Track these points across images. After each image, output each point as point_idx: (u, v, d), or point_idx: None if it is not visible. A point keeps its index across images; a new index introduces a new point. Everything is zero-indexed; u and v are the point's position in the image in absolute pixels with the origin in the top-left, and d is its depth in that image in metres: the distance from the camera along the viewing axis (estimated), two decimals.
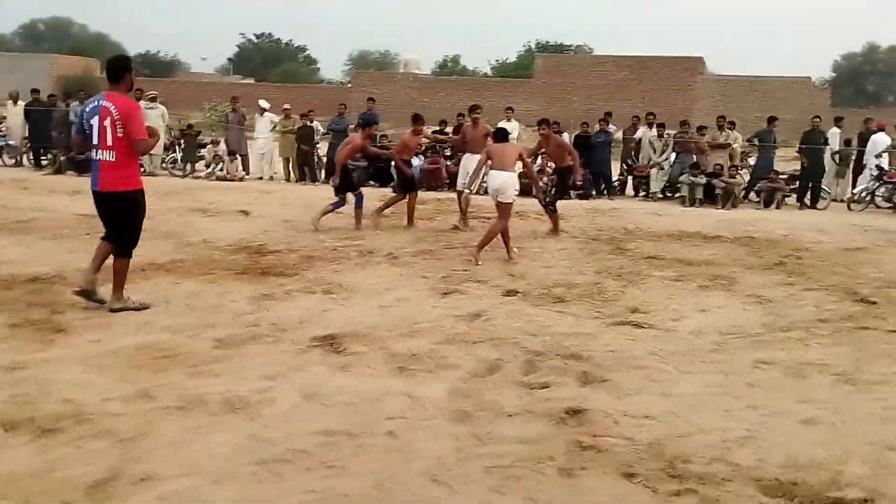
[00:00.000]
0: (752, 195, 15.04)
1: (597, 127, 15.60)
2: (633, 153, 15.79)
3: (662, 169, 15.21)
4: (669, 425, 3.81)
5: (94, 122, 5.40)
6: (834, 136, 16.02)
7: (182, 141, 16.21)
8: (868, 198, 14.52)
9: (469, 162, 10.23)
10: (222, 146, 16.09)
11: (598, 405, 4.04)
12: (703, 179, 14.60)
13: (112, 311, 5.51)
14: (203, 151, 16.30)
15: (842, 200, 15.05)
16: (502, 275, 7.37)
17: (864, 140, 15.53)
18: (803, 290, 7.22)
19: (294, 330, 5.29)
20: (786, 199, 15.09)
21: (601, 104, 38.17)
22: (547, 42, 55.22)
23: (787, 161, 18.01)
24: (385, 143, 15.35)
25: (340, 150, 9.96)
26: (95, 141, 5.43)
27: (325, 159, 15.89)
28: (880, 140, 15.19)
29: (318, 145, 16.17)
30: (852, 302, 6.79)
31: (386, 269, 7.50)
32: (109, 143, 5.39)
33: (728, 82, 39.66)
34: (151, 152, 11.28)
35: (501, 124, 15.77)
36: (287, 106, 16.40)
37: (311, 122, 16.25)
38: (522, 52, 55.30)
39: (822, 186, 14.79)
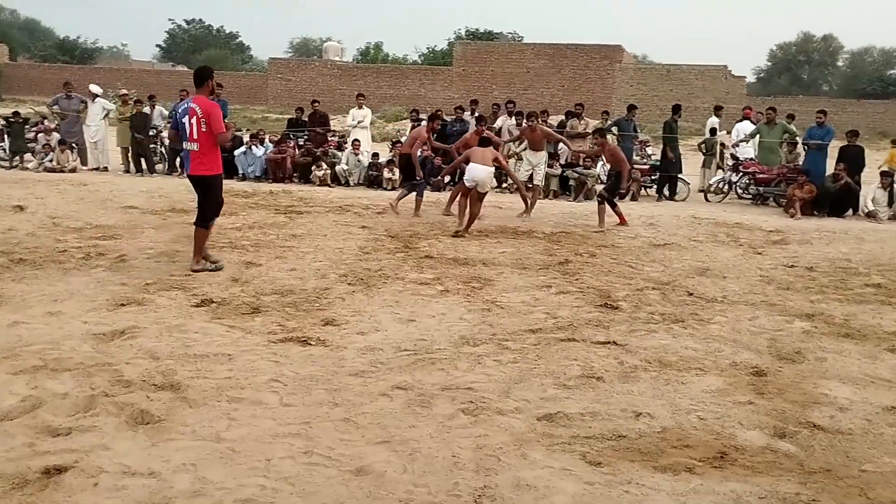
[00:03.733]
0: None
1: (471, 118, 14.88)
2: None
3: (521, 160, 14.51)
4: (155, 489, 3.04)
5: (185, 120, 6.70)
6: (713, 125, 15.59)
7: (9, 129, 15.01)
8: (725, 188, 14.06)
9: (532, 157, 11.81)
10: (56, 135, 14.95)
11: (98, 460, 3.25)
12: (558, 170, 14.00)
13: (193, 271, 6.71)
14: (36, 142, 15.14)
15: (701, 190, 14.59)
16: (224, 281, 6.56)
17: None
18: (556, 294, 6.57)
19: None
20: (644, 189, 14.62)
21: (521, 92, 37.82)
22: (476, 30, 54.36)
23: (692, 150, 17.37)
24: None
25: (407, 142, 11.49)
26: (187, 135, 6.71)
27: (165, 149, 14.90)
28: (741, 128, 14.77)
29: (161, 133, 15.12)
30: (594, 307, 6.15)
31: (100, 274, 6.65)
32: (195, 136, 6.70)
33: (646, 70, 39.48)
34: None
35: (353, 111, 15.07)
36: (124, 91, 15.35)
37: (155, 107, 15.24)
38: (453, 39, 54.39)
39: (680, 177, 14.28)
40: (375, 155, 14.68)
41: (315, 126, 15.62)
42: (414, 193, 11.02)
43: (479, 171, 9.53)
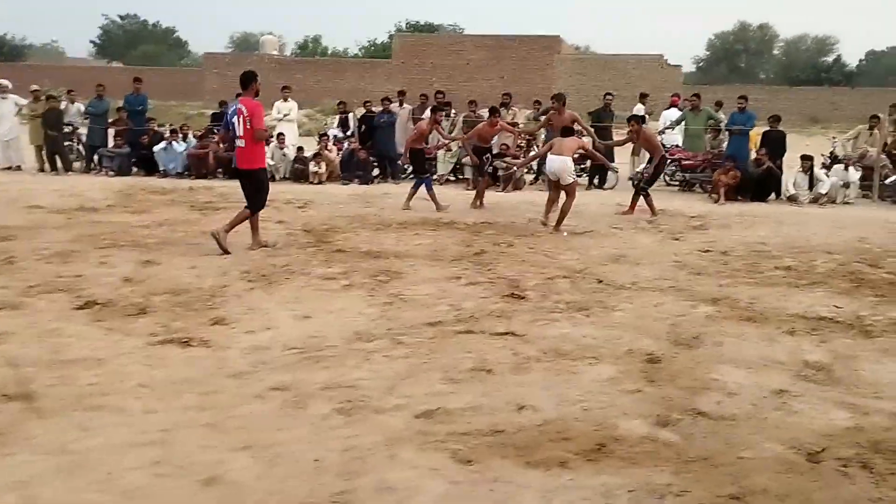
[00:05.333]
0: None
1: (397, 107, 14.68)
2: None
3: (450, 150, 14.39)
4: None
5: (235, 119, 7.55)
6: (638, 112, 15.61)
7: None
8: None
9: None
10: None
11: None
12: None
13: (250, 249, 7.57)
14: None
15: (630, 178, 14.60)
16: (116, 281, 6.24)
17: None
18: (464, 286, 6.43)
19: None
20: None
21: (462, 84, 37.64)
22: (417, 22, 54.07)
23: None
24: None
25: (411, 137, 11.44)
26: (237, 133, 7.54)
27: (83, 146, 14.35)
28: (668, 115, 14.86)
29: (77, 130, 14.55)
30: (500, 298, 6.02)
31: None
32: (241, 133, 7.51)
33: (585, 61, 39.72)
34: None
35: (278, 104, 14.74)
36: (35, 87, 14.70)
37: (73, 103, 14.66)
38: (394, 32, 53.99)
39: (612, 165, 14.26)
40: (300, 149, 14.36)
41: None
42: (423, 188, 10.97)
43: (553, 162, 9.52)
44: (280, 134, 14.27)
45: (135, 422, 3.58)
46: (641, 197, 10.67)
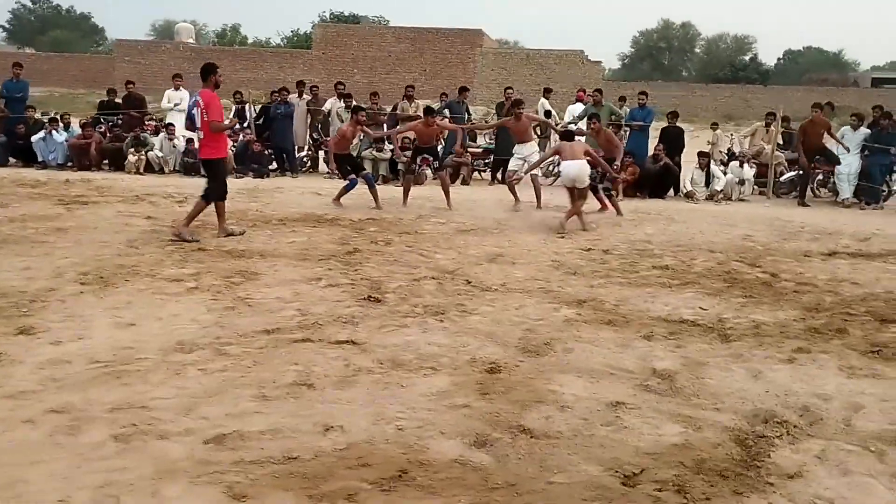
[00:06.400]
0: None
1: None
2: (319, 126, 14.38)
3: (381, 150, 13.92)
4: None
5: (195, 111, 7.73)
6: (542, 107, 15.49)
7: None
8: (557, 171, 13.94)
9: (520, 151, 11.03)
10: None
11: None
12: (387, 154, 13.49)
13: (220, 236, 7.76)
14: None
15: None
16: None
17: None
18: (323, 288, 6.03)
19: None
20: (479, 172, 14.36)
21: (384, 76, 37.20)
22: (342, 13, 53.22)
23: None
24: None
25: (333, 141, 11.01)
26: (197, 125, 7.75)
27: None
28: (572, 110, 14.74)
29: None
30: (356, 301, 5.64)
31: None
32: (199, 125, 7.71)
33: (507, 55, 39.64)
34: None
35: (169, 93, 14.05)
36: None
37: None
38: (317, 22, 52.97)
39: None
40: (191, 141, 13.65)
41: (130, 109, 14.44)
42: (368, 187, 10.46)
43: (570, 168, 9.30)
44: (169, 124, 13.58)
45: None
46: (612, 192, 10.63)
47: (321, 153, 14.45)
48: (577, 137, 10.57)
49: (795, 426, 3.62)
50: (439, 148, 12.04)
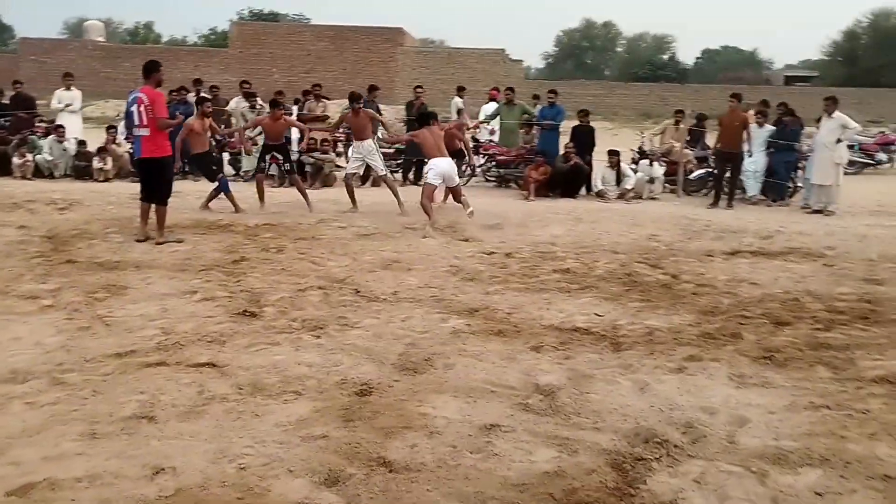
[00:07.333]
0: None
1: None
2: (224, 126, 13.72)
3: (256, 144, 13.33)
4: None
5: (133, 108, 7.53)
6: (455, 106, 15.22)
7: None
8: (469, 171, 13.68)
9: (358, 149, 10.30)
10: None
11: None
12: (294, 155, 12.94)
13: (157, 244, 7.44)
14: None
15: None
16: None
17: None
18: (196, 302, 5.57)
19: None
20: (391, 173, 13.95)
21: (302, 75, 36.36)
22: (261, 11, 52.02)
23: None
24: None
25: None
26: (136, 122, 7.53)
27: None
28: (486, 109, 14.54)
29: None
30: (230, 316, 5.21)
31: None
32: (145, 122, 7.49)
33: (428, 54, 39.41)
34: None
35: (59, 93, 13.23)
36: None
37: None
38: (235, 20, 51.61)
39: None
40: (82, 143, 12.88)
41: (18, 110, 13.53)
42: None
43: (440, 164, 9.05)
44: (59, 126, 12.75)
45: None
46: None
47: (225, 155, 13.80)
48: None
49: (676, 446, 3.38)
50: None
